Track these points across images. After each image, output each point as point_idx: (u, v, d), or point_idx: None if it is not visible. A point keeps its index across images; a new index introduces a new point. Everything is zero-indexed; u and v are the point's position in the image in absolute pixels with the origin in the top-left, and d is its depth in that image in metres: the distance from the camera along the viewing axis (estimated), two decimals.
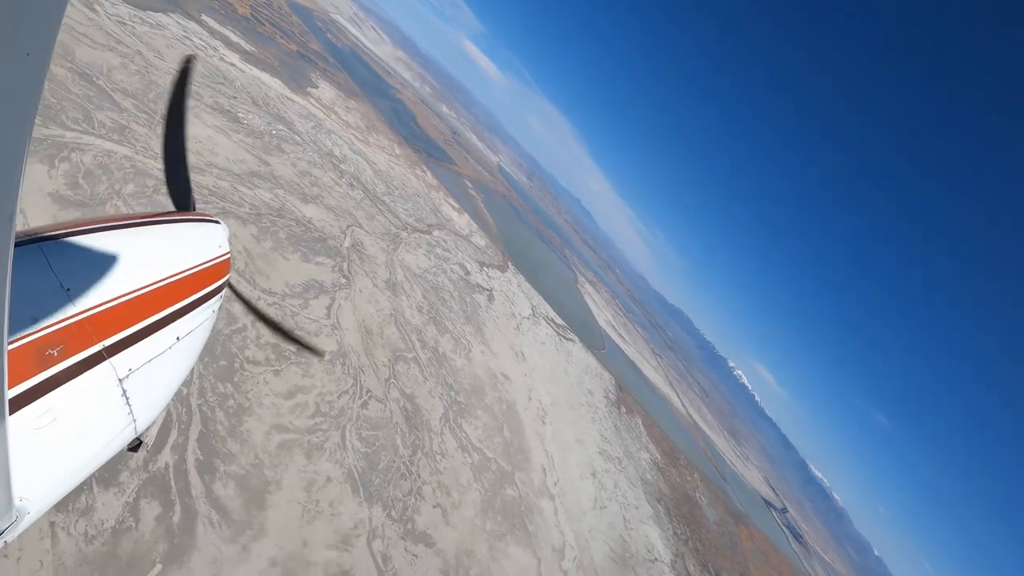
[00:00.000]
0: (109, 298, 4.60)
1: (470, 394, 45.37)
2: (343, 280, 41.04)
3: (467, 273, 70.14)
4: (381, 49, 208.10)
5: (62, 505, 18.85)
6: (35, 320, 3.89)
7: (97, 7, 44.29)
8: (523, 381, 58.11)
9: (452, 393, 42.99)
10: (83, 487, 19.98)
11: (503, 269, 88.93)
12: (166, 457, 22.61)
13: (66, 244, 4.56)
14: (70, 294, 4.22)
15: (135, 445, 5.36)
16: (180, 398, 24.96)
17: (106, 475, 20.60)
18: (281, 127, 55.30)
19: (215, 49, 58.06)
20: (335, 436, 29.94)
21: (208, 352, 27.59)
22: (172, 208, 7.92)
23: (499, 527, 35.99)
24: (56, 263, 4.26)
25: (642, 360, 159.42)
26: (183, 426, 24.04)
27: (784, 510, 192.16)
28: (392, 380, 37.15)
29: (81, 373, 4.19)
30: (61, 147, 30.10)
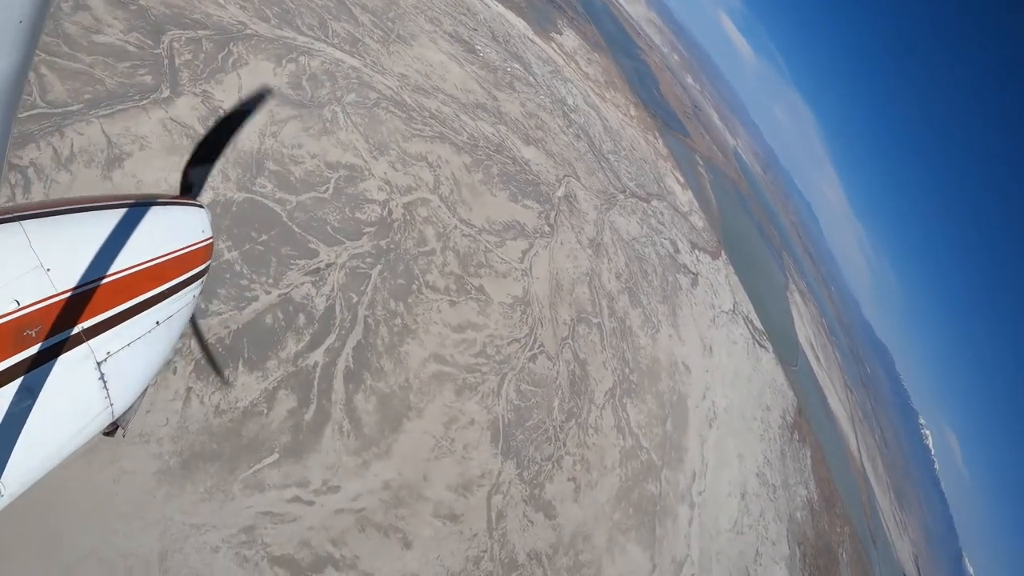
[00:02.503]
0: (89, 279, 4.42)
1: (644, 375, 41.18)
2: (547, 228, 38.34)
3: (676, 251, 64.58)
4: (634, 8, 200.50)
5: (201, 375, 18.53)
6: (13, 299, 3.75)
7: None
8: (702, 377, 52.55)
9: (626, 370, 39.14)
10: (229, 366, 19.51)
11: (715, 256, 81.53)
12: (318, 357, 21.56)
13: (48, 223, 4.36)
14: (50, 274, 4.04)
15: (111, 430, 5.20)
16: (348, 305, 23.98)
17: (254, 357, 20.00)
18: (517, 66, 53.27)
19: None
20: (493, 381, 27.71)
21: (389, 268, 26.47)
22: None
23: (626, 520, 32.21)
24: (37, 242, 4.07)
25: (831, 389, 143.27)
26: (343, 332, 22.87)
27: None
28: (569, 340, 34.15)
29: (59, 355, 4.07)
30: (291, 49, 30.38)
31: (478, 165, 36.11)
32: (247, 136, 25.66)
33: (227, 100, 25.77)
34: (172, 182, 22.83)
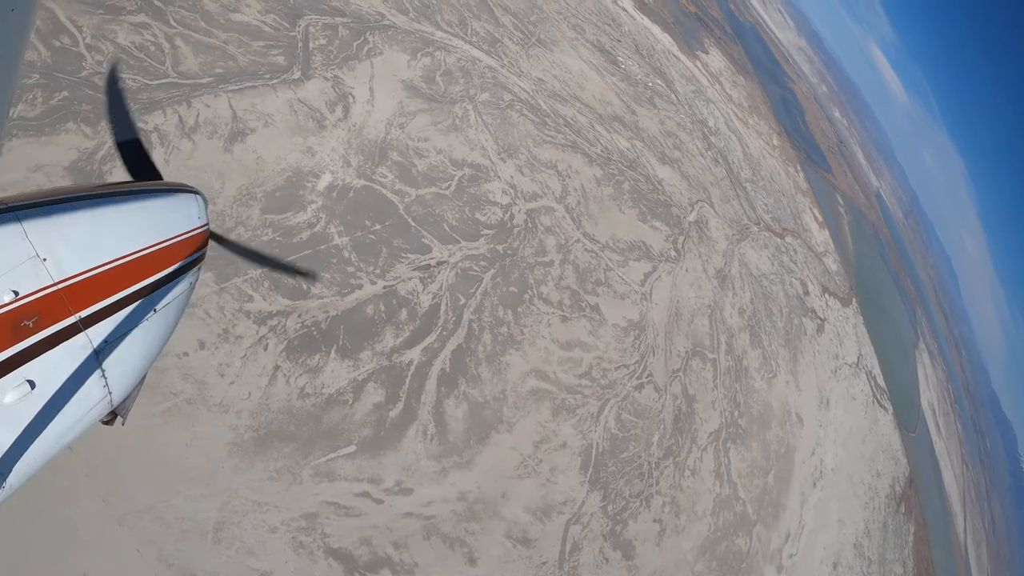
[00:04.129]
0: (86, 269, 4.33)
1: (754, 421, 37.50)
2: (673, 253, 35.63)
3: (806, 293, 59.42)
4: (784, 34, 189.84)
5: (292, 356, 17.78)
6: (11, 290, 3.70)
7: None
8: (815, 431, 47.72)
9: (736, 413, 35.72)
10: (321, 351, 18.69)
11: (845, 303, 75.03)
12: (414, 355, 20.34)
13: (44, 213, 4.23)
14: (47, 264, 3.98)
15: (110, 418, 4.96)
16: (455, 306, 22.70)
17: (348, 346, 19.09)
18: (659, 82, 50.55)
19: None
20: (593, 405, 25.61)
21: (503, 274, 25.03)
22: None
23: (708, 573, 29.20)
24: (33, 232, 4.00)
25: (947, 462, 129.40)
26: (445, 333, 21.55)
27: None
28: (680, 374, 31.39)
29: (57, 344, 4.00)
30: (428, 43, 29.68)
31: (609, 179, 34.02)
32: (373, 124, 25.08)
33: (357, 88, 25.35)
34: (291, 161, 21.99)
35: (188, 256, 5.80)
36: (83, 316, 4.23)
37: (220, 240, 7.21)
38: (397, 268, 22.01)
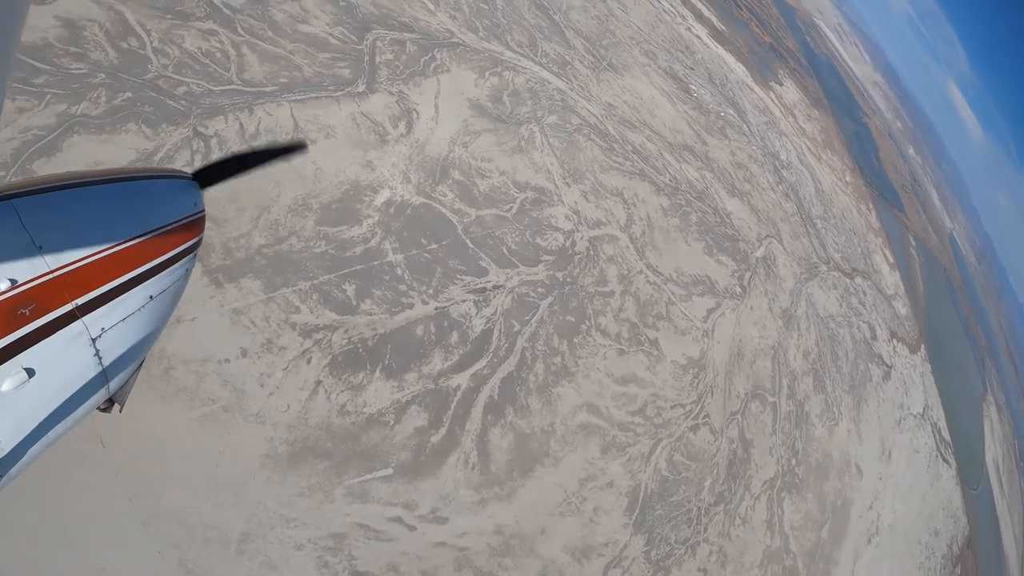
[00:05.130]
0: (82, 256, 4.15)
1: (811, 471, 35.14)
2: (738, 290, 33.84)
3: (873, 338, 56.14)
4: (859, 68, 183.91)
5: (335, 372, 17.10)
6: (7, 279, 3.58)
7: None
8: (874, 485, 44.63)
9: (793, 461, 33.51)
10: (366, 369, 18.01)
11: (913, 350, 70.59)
12: (462, 380, 19.46)
13: (39, 200, 4.07)
14: (42, 251, 3.84)
15: (107, 406, 4.82)
16: (508, 333, 21.74)
17: (394, 366, 18.33)
18: (731, 112, 48.81)
19: (683, 18, 55.07)
20: (645, 444, 24.21)
21: (560, 302, 23.95)
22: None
23: None
24: (28, 220, 3.86)
25: (1007, 523, 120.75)
26: (496, 360, 20.59)
27: None
28: (738, 417, 29.56)
29: (53, 332, 3.85)
30: (496, 62, 29.19)
31: (676, 210, 32.62)
32: (436, 141, 24.49)
33: (422, 104, 24.84)
34: (350, 174, 21.21)
35: (185, 242, 5.61)
36: (80, 303, 4.10)
37: (212, 175, 6.49)
38: (451, 289, 21.23)
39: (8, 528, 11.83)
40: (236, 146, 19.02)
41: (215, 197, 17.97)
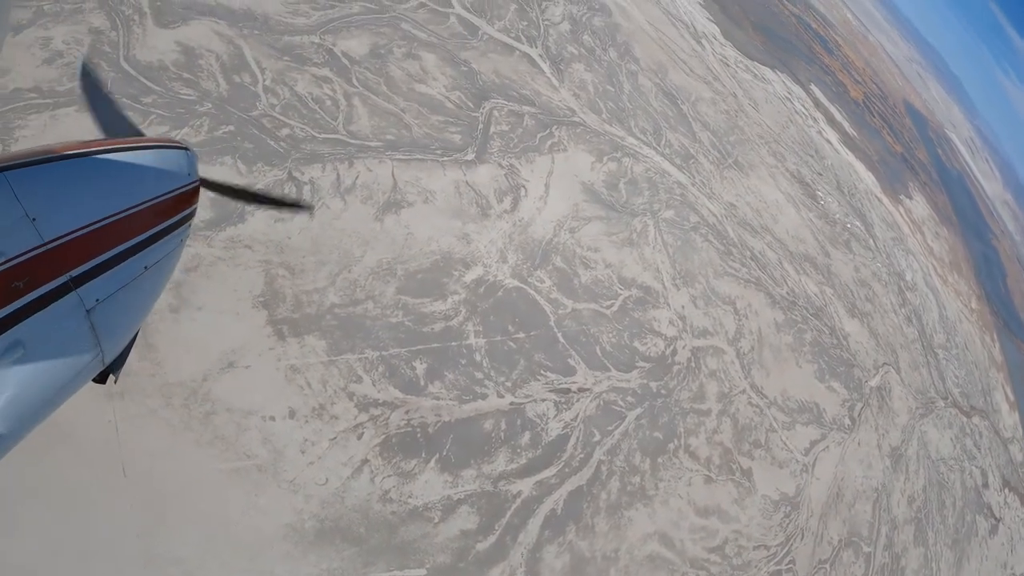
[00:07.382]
0: (76, 227, 4.04)
1: None
2: (847, 422, 29.79)
3: (985, 485, 48.76)
4: (989, 185, 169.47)
5: (386, 454, 15.11)
6: (0, 252, 3.43)
7: (705, 43, 41.75)
8: None
9: None
10: (420, 456, 16.19)
11: None
12: (525, 487, 17.28)
13: (32, 172, 3.93)
14: (36, 224, 3.71)
15: (101, 377, 4.73)
16: (586, 442, 19.29)
17: (452, 458, 16.33)
18: (858, 224, 44.88)
19: (815, 120, 52.22)
20: None
21: (649, 416, 21.22)
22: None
23: None
24: (22, 192, 3.71)
25: None
26: (567, 470, 18.30)
27: None
28: (826, 566, 25.33)
29: (48, 305, 3.76)
30: (616, 147, 27.66)
31: (791, 326, 29.36)
32: (542, 223, 22.78)
33: (532, 181, 23.35)
34: (443, 244, 19.80)
35: (179, 213, 5.50)
36: (74, 275, 3.95)
37: (211, 186, 6.37)
38: (531, 385, 19.21)
39: (15, 528, 11.14)
40: (329, 197, 18.10)
41: (298, 246, 17.11)
